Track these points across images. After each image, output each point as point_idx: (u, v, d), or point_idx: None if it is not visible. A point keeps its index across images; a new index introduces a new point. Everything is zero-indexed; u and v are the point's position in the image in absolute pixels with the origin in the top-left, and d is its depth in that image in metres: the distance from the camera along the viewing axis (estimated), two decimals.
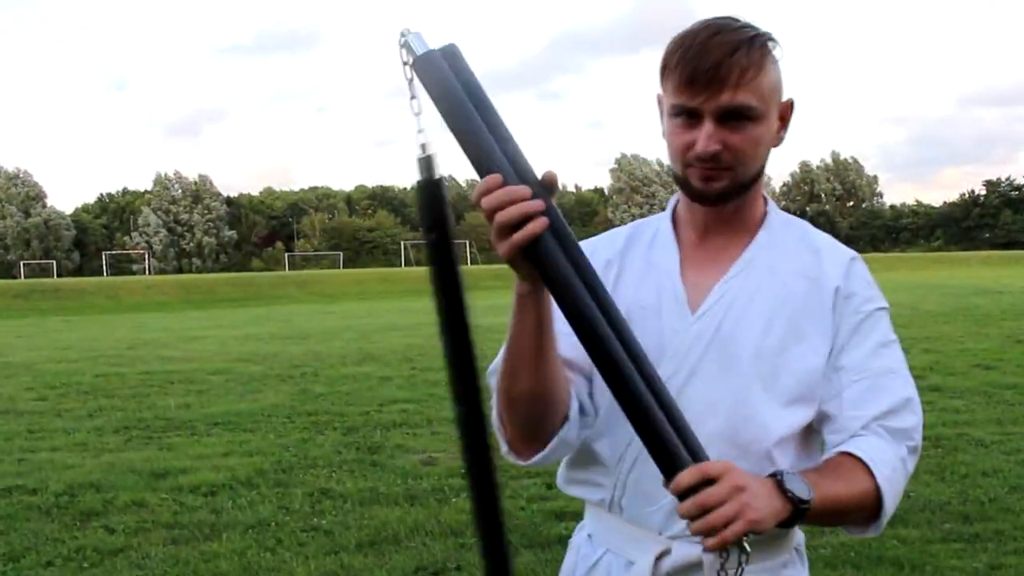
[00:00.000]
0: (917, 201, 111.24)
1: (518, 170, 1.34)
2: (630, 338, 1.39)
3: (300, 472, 7.30)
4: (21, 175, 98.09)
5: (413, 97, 1.34)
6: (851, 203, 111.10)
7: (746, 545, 1.38)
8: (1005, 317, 19.49)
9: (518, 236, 1.31)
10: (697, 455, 1.38)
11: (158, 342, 19.27)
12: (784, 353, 1.62)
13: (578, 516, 1.83)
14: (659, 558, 1.64)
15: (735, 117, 1.55)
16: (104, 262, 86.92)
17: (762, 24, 1.64)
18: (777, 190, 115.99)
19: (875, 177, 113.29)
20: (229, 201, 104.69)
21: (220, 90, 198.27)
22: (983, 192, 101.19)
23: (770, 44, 1.60)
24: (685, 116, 1.57)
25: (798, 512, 1.45)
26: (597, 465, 1.69)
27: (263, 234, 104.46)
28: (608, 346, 1.36)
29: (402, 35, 1.35)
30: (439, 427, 8.85)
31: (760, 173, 1.66)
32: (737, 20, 1.60)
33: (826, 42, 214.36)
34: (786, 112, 1.66)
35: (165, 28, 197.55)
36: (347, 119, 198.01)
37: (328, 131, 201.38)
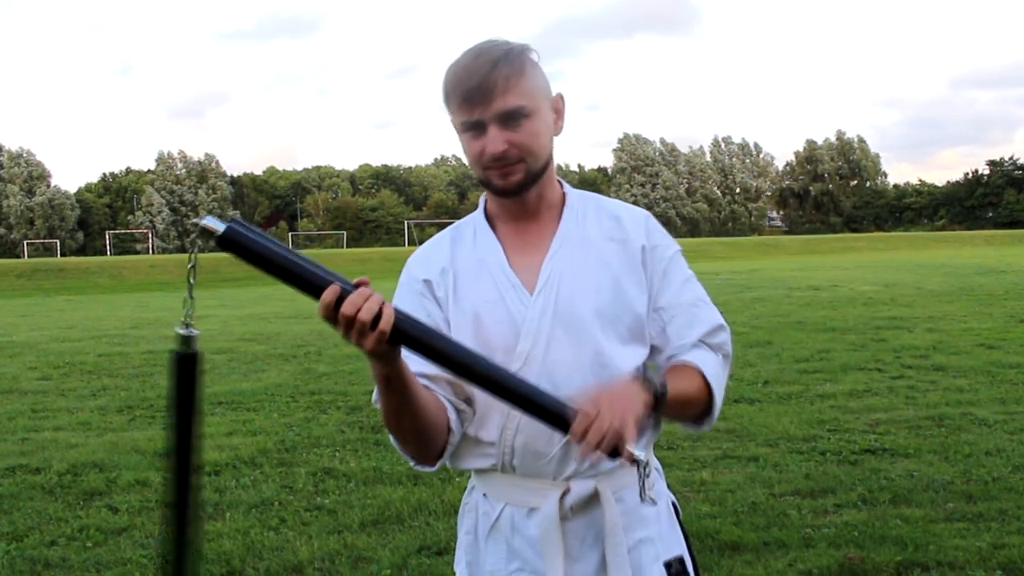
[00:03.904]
0: (920, 180, 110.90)
1: (338, 279, 1.60)
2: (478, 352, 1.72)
3: (303, 451, 7.30)
4: (24, 154, 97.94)
5: (192, 267, 1.60)
6: (854, 182, 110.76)
7: (637, 456, 1.67)
8: (1008, 296, 19.45)
9: (384, 324, 1.57)
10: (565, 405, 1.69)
11: (161, 321, 19.27)
12: (615, 305, 1.91)
13: None
14: (561, 498, 1.90)
15: (511, 118, 1.82)
16: (108, 241, 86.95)
17: (755, 9, 1.65)
18: (780, 169, 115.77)
19: (878, 156, 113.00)
20: (232, 181, 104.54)
21: (223, 74, 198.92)
22: (986, 172, 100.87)
23: (526, 52, 1.88)
24: (472, 129, 1.85)
25: (659, 399, 1.77)
26: (482, 443, 1.94)
27: (266, 214, 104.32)
28: (487, 369, 1.67)
29: (195, 224, 1.53)
30: None
31: (549, 160, 1.94)
32: (495, 41, 1.88)
33: (817, 23, 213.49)
34: (558, 104, 1.95)
35: (169, 14, 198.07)
36: (348, 101, 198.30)
37: (329, 113, 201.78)
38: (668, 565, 1.97)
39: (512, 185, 1.88)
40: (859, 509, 5.57)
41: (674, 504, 2.08)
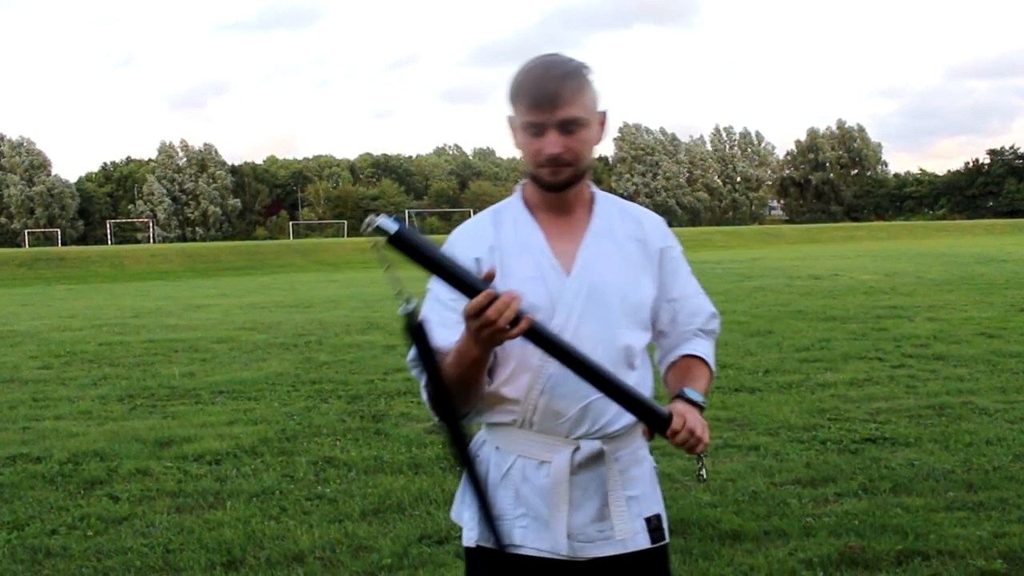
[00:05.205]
0: (921, 170, 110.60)
1: (470, 278, 1.95)
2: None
3: (304, 440, 7.30)
4: (24, 144, 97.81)
5: (388, 267, 1.96)
6: (855, 171, 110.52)
7: (703, 474, 2.46)
8: (1009, 286, 19.44)
9: (523, 325, 1.95)
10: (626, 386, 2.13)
11: (162, 310, 19.28)
12: (634, 295, 2.28)
13: None
14: (571, 454, 2.22)
15: (570, 126, 2.14)
16: (108, 231, 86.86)
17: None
18: (781, 158, 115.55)
19: (879, 145, 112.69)
20: (233, 170, 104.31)
21: (224, 64, 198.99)
22: (987, 161, 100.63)
23: (588, 71, 2.20)
24: (534, 129, 2.16)
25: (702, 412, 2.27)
26: (506, 400, 2.23)
27: (267, 203, 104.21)
28: (590, 365, 2.05)
29: (369, 224, 1.93)
30: None
31: (590, 165, 2.28)
32: (561, 55, 2.20)
33: (812, 13, 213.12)
34: (603, 120, 2.27)
35: (170, 5, 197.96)
36: (347, 91, 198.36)
37: (329, 103, 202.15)
38: (648, 520, 2.30)
39: (560, 182, 2.20)
40: (860, 498, 5.58)
41: (654, 467, 2.41)
